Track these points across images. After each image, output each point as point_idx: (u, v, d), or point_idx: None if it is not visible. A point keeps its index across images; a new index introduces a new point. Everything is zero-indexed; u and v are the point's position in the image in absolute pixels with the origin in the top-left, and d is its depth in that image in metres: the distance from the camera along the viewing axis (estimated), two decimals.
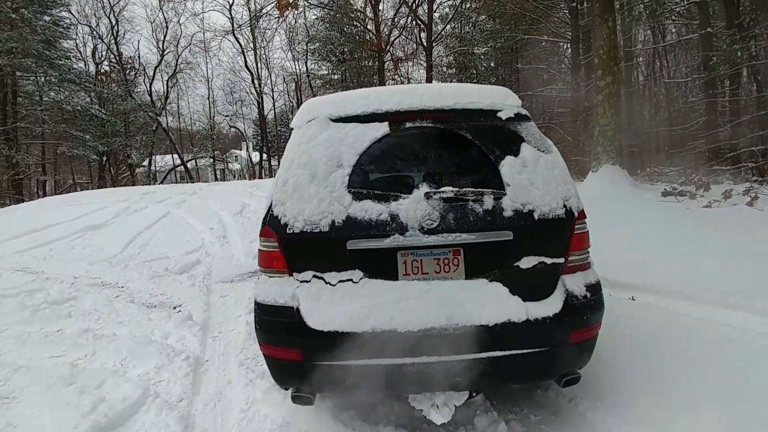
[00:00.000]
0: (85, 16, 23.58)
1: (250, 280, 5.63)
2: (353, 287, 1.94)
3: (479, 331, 1.83)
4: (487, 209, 1.97)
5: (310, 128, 2.17)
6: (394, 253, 1.96)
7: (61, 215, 9.68)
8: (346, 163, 2.03)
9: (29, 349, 3.46)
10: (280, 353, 2.04)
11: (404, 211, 1.94)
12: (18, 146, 20.16)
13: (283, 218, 2.01)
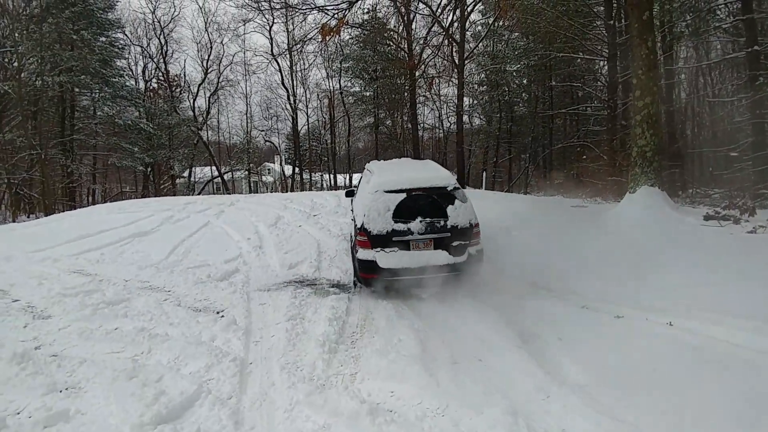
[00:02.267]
0: (137, 38, 25.37)
1: (286, 290, 5.86)
2: (394, 253, 5.13)
3: (438, 266, 5.02)
4: (441, 225, 5.18)
5: (377, 195, 5.35)
6: (408, 241, 5.17)
7: (111, 222, 10.27)
8: (392, 208, 5.25)
9: (91, 344, 3.76)
10: (369, 275, 5.17)
11: (412, 226, 5.18)
12: (73, 156, 21.72)
13: (368, 227, 5.21)
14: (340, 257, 7.43)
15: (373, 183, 5.47)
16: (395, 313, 4.56)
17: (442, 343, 3.93)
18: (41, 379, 3.07)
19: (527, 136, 24.18)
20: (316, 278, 6.58)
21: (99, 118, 23.72)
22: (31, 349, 3.64)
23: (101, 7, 22.67)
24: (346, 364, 3.49)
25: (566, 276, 5.66)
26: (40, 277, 6.10)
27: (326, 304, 4.91)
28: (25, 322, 4.36)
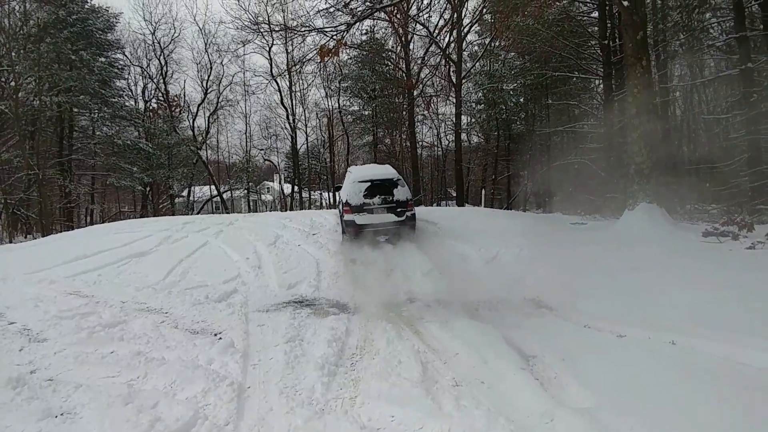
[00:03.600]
0: (137, 58, 25.73)
1: (285, 310, 5.80)
2: (365, 215, 8.62)
3: (389, 222, 8.68)
4: (390, 199, 8.70)
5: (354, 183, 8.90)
6: (372, 209, 8.66)
7: (109, 242, 10.19)
8: (362, 190, 8.75)
9: (87, 368, 3.70)
10: (351, 228, 8.65)
11: (374, 200, 8.69)
12: (72, 177, 21.75)
13: (350, 201, 8.66)
14: (340, 277, 7.39)
15: (351, 177, 9.24)
16: (396, 335, 4.51)
17: (444, 365, 3.87)
18: (36, 404, 3.00)
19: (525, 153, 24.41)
20: (316, 298, 6.53)
21: (98, 138, 23.85)
22: (27, 373, 3.57)
23: (100, 27, 23.02)
24: (345, 387, 3.43)
25: (567, 294, 5.63)
26: (36, 299, 6.02)
27: (325, 325, 4.86)
28: (21, 346, 4.28)
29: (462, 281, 7.15)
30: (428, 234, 9.72)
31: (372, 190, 8.68)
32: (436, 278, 7.25)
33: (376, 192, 8.69)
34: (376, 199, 8.65)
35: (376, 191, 8.69)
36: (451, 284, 7.00)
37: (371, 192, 8.67)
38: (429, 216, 11.63)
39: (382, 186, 8.76)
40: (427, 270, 7.50)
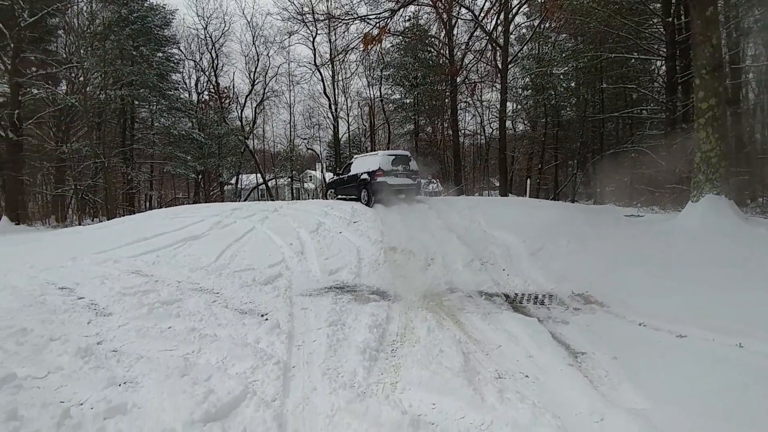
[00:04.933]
0: (191, 53, 26.92)
1: (326, 295, 5.92)
2: (393, 178, 11.52)
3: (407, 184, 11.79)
4: (407, 168, 11.88)
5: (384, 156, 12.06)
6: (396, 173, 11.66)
7: (165, 226, 10.84)
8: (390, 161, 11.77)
9: (147, 342, 3.97)
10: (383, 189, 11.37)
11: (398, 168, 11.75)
12: (133, 165, 23.32)
13: (383, 168, 11.49)
14: (380, 265, 7.44)
15: (381, 153, 12.31)
16: (436, 324, 4.48)
17: (486, 356, 3.80)
18: (102, 373, 3.26)
19: (575, 141, 23.23)
20: (356, 285, 6.62)
21: (156, 129, 25.33)
22: (94, 344, 3.88)
23: (158, 24, 24.25)
24: (386, 372, 3.45)
25: (621, 290, 5.33)
26: (102, 277, 6.52)
27: (366, 311, 4.91)
28: (89, 319, 4.66)
29: (504, 273, 6.99)
30: (469, 224, 9.55)
31: (395, 162, 11.73)
32: (477, 269, 7.12)
33: (399, 162, 11.77)
34: (399, 167, 11.70)
35: (399, 162, 11.78)
36: (493, 275, 6.86)
37: (395, 162, 11.72)
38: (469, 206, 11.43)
39: (403, 158, 12.05)
40: (467, 260, 7.39)
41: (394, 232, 9.17)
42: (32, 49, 20.03)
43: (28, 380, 3.11)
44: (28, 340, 3.87)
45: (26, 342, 3.81)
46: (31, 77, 19.47)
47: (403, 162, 11.82)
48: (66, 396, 2.95)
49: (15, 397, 2.83)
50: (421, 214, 10.62)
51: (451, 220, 9.93)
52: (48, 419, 2.62)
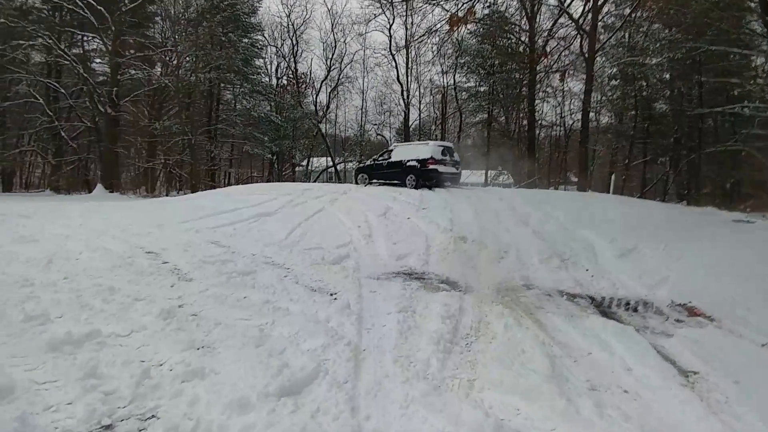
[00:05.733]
0: (273, 39, 27.98)
1: (395, 280, 5.78)
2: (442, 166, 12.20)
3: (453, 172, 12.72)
4: (452, 158, 12.70)
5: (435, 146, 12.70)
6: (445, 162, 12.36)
7: (242, 202, 11.35)
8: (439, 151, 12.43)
9: (225, 309, 4.07)
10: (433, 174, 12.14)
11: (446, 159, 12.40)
12: (216, 143, 24.91)
13: (434, 156, 12.15)
14: (449, 253, 7.16)
15: (432, 143, 13.03)
16: (514, 321, 4.15)
17: (575, 363, 3.43)
18: (182, 335, 3.37)
19: (668, 137, 20.90)
20: (425, 272, 6.42)
21: (238, 111, 26.78)
22: (176, 307, 4.06)
23: (246, 12, 25.45)
24: (462, 367, 3.23)
25: (734, 303, 4.61)
26: (185, 245, 6.90)
27: (437, 300, 4.69)
28: (172, 282, 4.92)
29: (588, 273, 6.40)
30: (545, 219, 8.91)
31: (444, 152, 12.53)
32: (557, 266, 6.60)
33: (447, 153, 12.60)
34: (447, 157, 12.47)
35: (447, 152, 12.60)
36: (575, 275, 6.31)
37: (444, 152, 12.50)
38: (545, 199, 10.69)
39: (449, 149, 12.88)
40: (545, 256, 6.87)
41: (465, 221, 8.80)
42: (132, 33, 21.90)
43: (111, 337, 3.26)
44: (115, 298, 4.12)
45: (113, 300, 4.05)
46: (130, 58, 21.31)
47: (449, 153, 12.76)
48: (147, 355, 3.06)
49: (97, 354, 2.97)
50: (493, 205, 10.11)
51: (526, 213, 9.33)
52: (127, 378, 2.71)
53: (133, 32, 22.26)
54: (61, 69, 23.03)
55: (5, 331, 3.20)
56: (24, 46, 20.28)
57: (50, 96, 22.70)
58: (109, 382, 2.67)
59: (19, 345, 3.04)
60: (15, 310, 3.62)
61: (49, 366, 2.80)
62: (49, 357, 2.88)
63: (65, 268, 5.12)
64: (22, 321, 3.42)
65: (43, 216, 8.98)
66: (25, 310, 3.61)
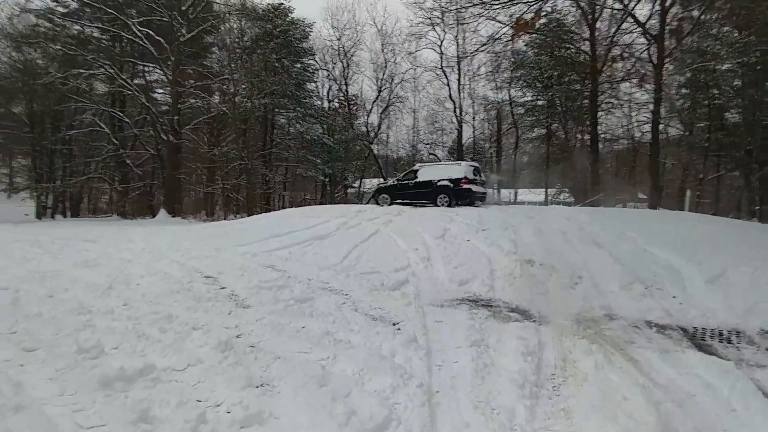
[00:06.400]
0: (324, 63, 28.84)
1: (460, 309, 5.36)
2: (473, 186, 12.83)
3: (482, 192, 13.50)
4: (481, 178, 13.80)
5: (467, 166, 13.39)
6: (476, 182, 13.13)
7: (297, 224, 11.40)
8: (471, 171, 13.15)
9: (283, 340, 3.87)
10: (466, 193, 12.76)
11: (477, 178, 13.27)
12: (271, 167, 25.81)
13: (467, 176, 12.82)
14: (516, 278, 6.62)
15: (464, 164, 13.56)
16: (604, 359, 3.60)
17: (679, 409, 2.88)
18: (240, 370, 3.17)
19: (741, 149, 18.86)
20: (491, 299, 5.94)
21: (291, 135, 27.70)
22: (233, 337, 3.90)
23: (298, 37, 26.48)
24: (555, 417, 2.76)
25: None
26: (242, 269, 6.88)
27: (511, 332, 4.23)
28: (229, 310, 4.81)
29: (675, 300, 5.62)
30: (618, 239, 8.10)
31: (474, 172, 13.17)
32: (640, 293, 5.86)
33: (477, 173, 13.32)
34: (477, 177, 13.20)
35: (477, 172, 13.34)
36: (662, 303, 5.55)
37: (474, 172, 13.15)
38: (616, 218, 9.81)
39: (478, 169, 13.69)
40: (626, 282, 6.14)
41: (529, 242, 8.21)
42: (190, 63, 23.28)
43: (166, 372, 3.09)
44: (171, 327, 4.00)
45: (170, 329, 3.93)
46: (189, 88, 22.62)
47: (479, 173, 13.63)
48: (203, 394, 2.86)
49: (150, 392, 2.78)
50: (559, 225, 9.40)
51: (596, 233, 8.56)
52: (181, 422, 2.49)
53: (192, 62, 23.63)
54: (124, 99, 24.66)
55: (56, 365, 3.10)
56: (85, 75, 21.69)
57: (115, 125, 24.32)
58: (162, 427, 2.47)
59: (69, 381, 2.91)
60: (68, 341, 3.50)
61: (99, 406, 2.63)
62: (99, 395, 2.73)
63: (125, 294, 5.11)
64: (75, 353, 3.28)
65: (107, 240, 9.32)
66: (79, 340, 3.47)
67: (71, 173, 25.36)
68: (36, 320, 3.88)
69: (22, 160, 30.53)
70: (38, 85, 22.35)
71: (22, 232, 11.29)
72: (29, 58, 23.37)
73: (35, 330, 3.65)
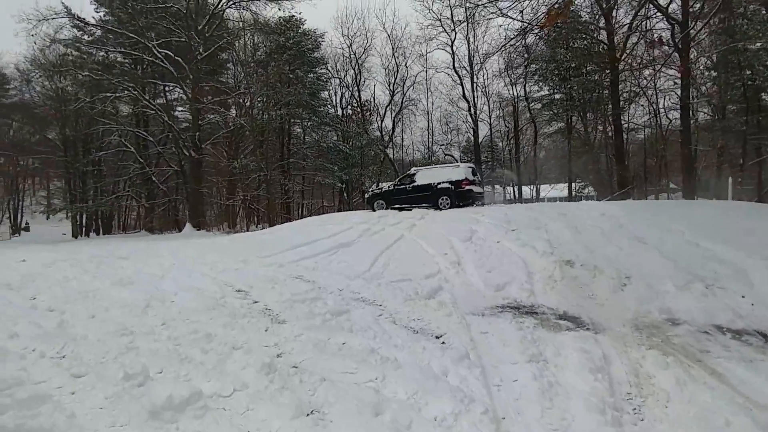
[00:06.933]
0: (336, 71, 28.86)
1: (503, 317, 5.04)
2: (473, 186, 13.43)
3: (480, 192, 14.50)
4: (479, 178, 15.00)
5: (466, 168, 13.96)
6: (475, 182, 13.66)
7: (319, 233, 11.22)
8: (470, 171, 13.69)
9: (326, 359, 3.63)
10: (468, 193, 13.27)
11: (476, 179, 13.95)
12: (289, 176, 25.90)
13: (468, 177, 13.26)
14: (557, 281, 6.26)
15: (463, 165, 14.06)
16: (684, 373, 3.23)
17: None
18: (287, 395, 2.94)
19: None
20: (533, 305, 5.59)
21: (308, 143, 27.80)
22: (275, 356, 3.70)
23: (310, 47, 26.66)
24: None
25: None
26: (272, 281, 6.72)
27: (568, 343, 3.90)
28: (266, 326, 4.62)
29: (744, 300, 5.16)
30: (664, 234, 7.64)
31: (473, 173, 13.62)
32: (701, 293, 5.41)
33: (475, 174, 13.79)
34: (476, 177, 13.66)
35: (474, 173, 13.75)
36: (729, 303, 5.10)
37: (473, 173, 13.61)
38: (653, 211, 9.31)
39: (476, 170, 14.17)
40: (683, 281, 5.70)
41: (566, 242, 7.81)
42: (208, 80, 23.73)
43: (213, 399, 2.92)
44: (212, 347, 3.88)
45: (210, 350, 3.80)
46: (208, 104, 23.02)
47: (476, 173, 14.19)
48: (254, 424, 2.66)
49: (200, 422, 2.62)
50: (594, 222, 8.96)
51: (638, 229, 8.10)
52: None
53: (209, 79, 24.13)
54: (148, 119, 25.57)
55: (105, 392, 2.99)
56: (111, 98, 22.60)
57: (140, 144, 25.24)
58: None
59: (119, 410, 2.79)
60: (114, 366, 3.47)
61: None
62: (150, 427, 2.58)
63: (161, 313, 5.08)
64: (122, 379, 3.21)
65: (138, 257, 9.39)
66: (125, 366, 3.43)
67: (102, 193, 26.50)
68: (82, 343, 3.92)
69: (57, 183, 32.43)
70: (69, 110, 23.77)
71: (61, 251, 11.54)
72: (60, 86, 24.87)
73: (82, 353, 3.68)
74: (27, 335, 4.09)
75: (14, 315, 4.76)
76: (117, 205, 28.53)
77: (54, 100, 25.12)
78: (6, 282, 6.55)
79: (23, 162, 32.82)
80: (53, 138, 27.40)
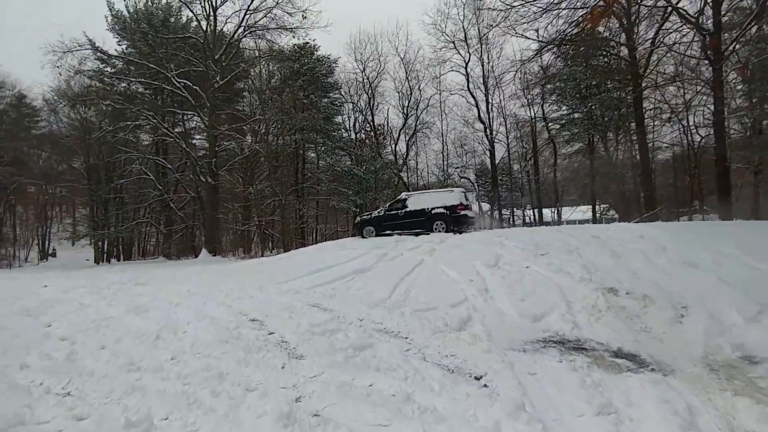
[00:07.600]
0: (350, 96, 29.00)
1: (547, 353, 4.45)
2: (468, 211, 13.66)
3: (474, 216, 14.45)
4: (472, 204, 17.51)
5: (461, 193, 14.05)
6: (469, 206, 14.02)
7: (335, 258, 10.78)
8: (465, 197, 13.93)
9: (351, 405, 3.11)
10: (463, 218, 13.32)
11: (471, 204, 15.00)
12: (304, 201, 25.69)
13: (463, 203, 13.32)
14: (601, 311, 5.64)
15: (457, 190, 14.11)
16: None
17: None
18: None
19: None
20: (579, 339, 4.97)
21: (322, 168, 27.70)
22: (293, 401, 3.21)
23: (324, 73, 26.90)
24: None
25: None
26: (288, 310, 6.27)
27: (637, 388, 3.29)
28: (282, 363, 4.13)
29: None
30: (714, 257, 6.96)
31: (465, 197, 13.60)
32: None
33: (467, 198, 13.87)
34: (469, 202, 13.79)
35: (467, 198, 13.83)
36: None
37: (466, 198, 13.73)
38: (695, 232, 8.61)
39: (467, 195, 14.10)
40: (751, 312, 5.03)
41: (605, 267, 7.18)
42: (224, 107, 24.11)
43: None
44: (224, 388, 3.45)
45: (222, 392, 3.37)
46: (224, 131, 23.27)
47: (469, 198, 14.60)
48: None
49: None
50: (633, 245, 8.30)
51: (685, 252, 7.43)
52: None
53: (226, 106, 24.52)
54: (167, 147, 26.07)
55: None
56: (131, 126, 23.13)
57: (159, 172, 25.60)
58: None
59: None
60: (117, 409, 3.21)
61: None
62: None
63: (172, 345, 4.75)
64: (123, 427, 2.90)
65: (156, 283, 9.26)
66: (128, 409, 3.16)
67: (122, 219, 26.96)
68: (88, 380, 3.83)
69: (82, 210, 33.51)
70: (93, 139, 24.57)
71: (81, 277, 11.77)
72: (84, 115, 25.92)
73: (87, 391, 3.61)
74: (37, 367, 4.10)
75: (27, 343, 4.79)
76: (137, 232, 28.84)
77: (78, 130, 25.97)
78: (26, 308, 6.70)
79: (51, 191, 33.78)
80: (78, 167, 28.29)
